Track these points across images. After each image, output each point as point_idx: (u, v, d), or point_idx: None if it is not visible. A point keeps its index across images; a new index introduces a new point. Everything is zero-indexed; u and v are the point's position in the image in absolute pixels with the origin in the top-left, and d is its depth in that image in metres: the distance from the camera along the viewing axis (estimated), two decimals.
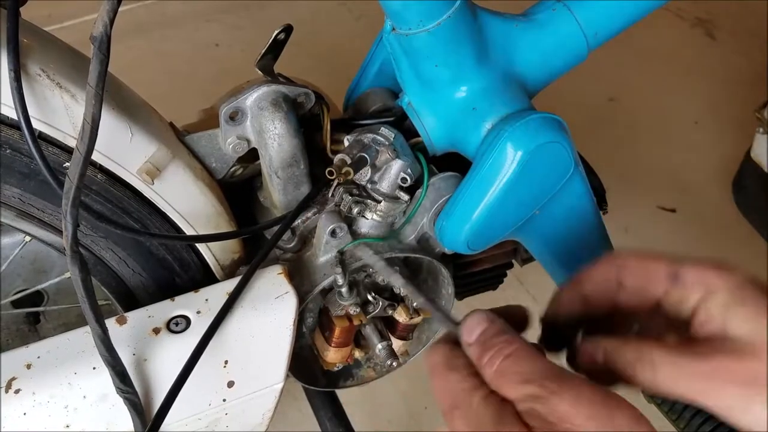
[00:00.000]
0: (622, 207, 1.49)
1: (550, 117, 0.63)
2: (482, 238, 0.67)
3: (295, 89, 0.67)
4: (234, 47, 1.87)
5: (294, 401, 1.13)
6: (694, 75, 1.90)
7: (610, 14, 0.67)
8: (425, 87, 0.65)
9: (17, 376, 0.56)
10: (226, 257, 0.71)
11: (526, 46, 0.66)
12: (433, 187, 0.68)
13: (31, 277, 0.84)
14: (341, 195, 0.67)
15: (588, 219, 0.73)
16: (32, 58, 0.55)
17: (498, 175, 0.62)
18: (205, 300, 0.63)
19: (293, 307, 0.64)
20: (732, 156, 1.57)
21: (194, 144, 0.67)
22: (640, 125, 1.76)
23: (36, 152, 0.54)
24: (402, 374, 0.86)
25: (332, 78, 0.95)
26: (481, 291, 0.91)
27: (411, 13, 0.57)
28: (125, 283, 0.68)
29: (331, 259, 0.68)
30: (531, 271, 0.91)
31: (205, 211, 0.67)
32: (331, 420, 0.84)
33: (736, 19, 2.09)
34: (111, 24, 0.49)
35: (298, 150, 0.66)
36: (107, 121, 0.57)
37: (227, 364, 0.63)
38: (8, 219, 0.61)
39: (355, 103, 0.78)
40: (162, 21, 1.95)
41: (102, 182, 0.61)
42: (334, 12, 2.01)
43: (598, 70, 1.63)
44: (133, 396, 0.58)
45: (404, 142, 0.67)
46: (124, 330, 0.60)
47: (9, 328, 0.87)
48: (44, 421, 0.57)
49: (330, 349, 0.73)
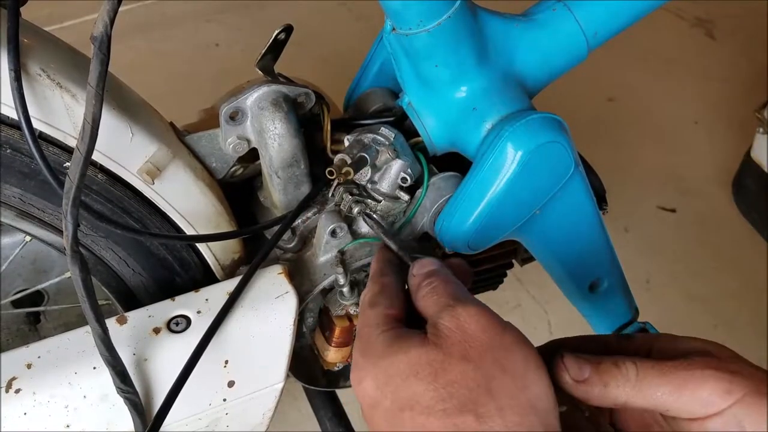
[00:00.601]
0: (622, 207, 1.49)
1: (551, 117, 0.63)
2: (482, 237, 0.67)
3: (296, 89, 0.67)
4: (234, 47, 1.87)
5: (294, 401, 1.13)
6: (694, 75, 1.91)
7: (610, 14, 0.67)
8: (425, 87, 0.65)
9: (18, 376, 0.56)
10: (227, 257, 0.71)
11: (526, 46, 0.66)
12: (433, 187, 0.68)
13: (32, 277, 0.84)
14: (341, 195, 0.67)
15: (588, 219, 0.73)
16: (32, 58, 0.55)
17: (498, 175, 0.62)
18: (206, 300, 0.63)
19: (293, 307, 0.64)
20: (732, 156, 1.57)
21: (194, 144, 0.67)
22: (640, 125, 1.76)
23: (36, 152, 0.54)
24: None
25: (332, 78, 0.95)
26: (481, 291, 0.91)
27: (411, 13, 0.57)
28: (125, 282, 0.68)
29: (331, 259, 0.68)
30: (531, 271, 0.91)
31: (205, 210, 0.67)
32: (331, 420, 0.84)
33: (736, 19, 2.09)
34: (111, 24, 0.49)
35: (299, 150, 0.66)
36: (108, 121, 0.57)
37: (227, 363, 0.63)
38: (8, 219, 0.61)
39: (355, 103, 0.78)
40: (162, 21, 1.95)
41: (102, 182, 0.61)
42: (334, 12, 2.02)
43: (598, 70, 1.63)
44: (134, 396, 0.58)
45: (404, 142, 0.67)
46: (124, 330, 0.60)
47: (9, 327, 0.87)
48: (44, 421, 0.57)
49: (330, 348, 0.73)
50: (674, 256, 1.46)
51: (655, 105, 1.81)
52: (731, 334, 1.31)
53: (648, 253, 1.45)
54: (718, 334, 1.31)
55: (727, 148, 1.66)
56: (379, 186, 0.67)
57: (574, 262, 0.77)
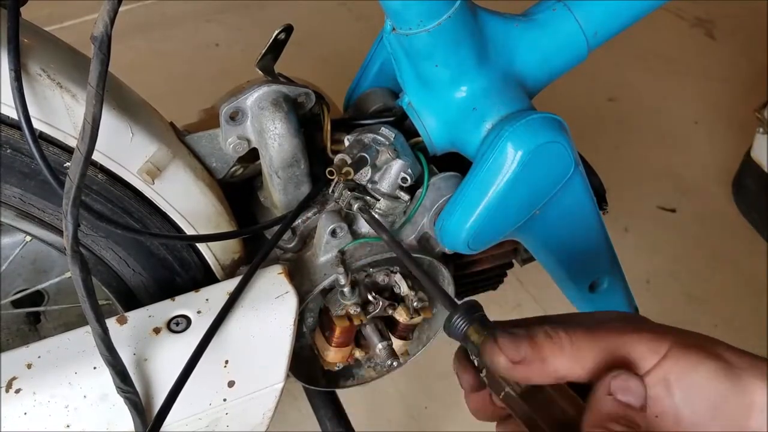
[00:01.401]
0: (622, 207, 1.49)
1: (551, 117, 0.63)
2: (482, 237, 0.67)
3: (296, 89, 0.67)
4: (234, 47, 1.87)
5: (294, 401, 1.13)
6: (694, 75, 1.91)
7: (610, 14, 0.67)
8: (425, 87, 0.65)
9: (18, 376, 0.56)
10: (227, 257, 0.71)
11: (526, 46, 0.66)
12: (433, 187, 0.68)
13: (32, 277, 0.84)
14: (341, 191, 0.67)
15: (588, 219, 0.73)
16: (33, 58, 0.55)
17: (498, 175, 0.62)
18: (206, 300, 0.63)
19: (293, 307, 0.64)
20: (732, 156, 1.57)
21: (195, 144, 0.67)
22: (640, 125, 1.76)
23: (37, 152, 0.54)
24: (402, 374, 0.86)
25: (332, 78, 0.95)
26: (481, 291, 0.91)
27: (411, 13, 0.57)
28: (126, 282, 0.68)
29: (331, 259, 0.68)
30: (531, 271, 0.91)
31: (205, 210, 0.67)
32: (331, 420, 0.84)
33: (736, 19, 2.09)
34: (111, 24, 0.49)
35: (299, 150, 0.66)
36: (108, 120, 0.57)
37: (228, 363, 0.63)
38: (9, 219, 0.61)
39: (355, 103, 0.79)
40: (162, 21, 1.95)
41: (102, 182, 0.61)
42: (334, 12, 2.02)
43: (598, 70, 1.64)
44: (134, 396, 0.58)
45: (404, 142, 0.67)
46: (124, 330, 0.60)
47: (9, 328, 0.87)
48: (45, 420, 0.57)
49: (330, 348, 0.73)
50: (674, 256, 1.46)
51: (655, 105, 1.81)
52: (731, 334, 1.31)
53: (648, 253, 1.45)
54: (718, 334, 1.30)
55: (727, 148, 1.66)
56: (379, 186, 0.67)
57: (574, 262, 0.77)
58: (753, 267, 1.43)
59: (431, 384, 1.17)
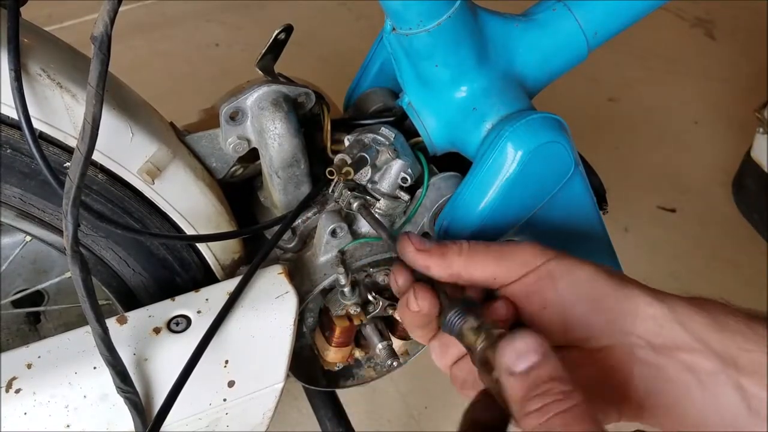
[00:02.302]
0: (622, 207, 1.49)
1: (551, 117, 0.63)
2: (482, 237, 0.67)
3: (296, 89, 0.67)
4: (234, 47, 1.87)
5: (294, 401, 1.13)
6: (694, 75, 1.91)
7: (610, 14, 0.67)
8: (425, 87, 0.65)
9: (18, 376, 0.56)
10: (227, 257, 0.71)
11: (527, 46, 0.66)
12: (433, 187, 0.68)
13: (32, 277, 0.85)
14: (341, 190, 0.67)
15: (588, 219, 0.73)
16: (33, 58, 0.55)
17: (498, 174, 0.62)
18: (206, 300, 0.63)
19: (293, 307, 0.64)
20: (732, 156, 1.57)
21: (195, 144, 0.67)
22: (640, 125, 1.76)
23: (37, 152, 0.54)
24: (402, 374, 0.86)
25: (332, 78, 0.95)
26: None
27: (411, 13, 0.57)
28: (126, 282, 0.68)
29: (331, 259, 0.68)
30: None
31: (205, 210, 0.67)
32: (331, 420, 0.84)
33: (736, 19, 2.09)
34: (111, 24, 0.49)
35: (299, 150, 0.67)
36: (108, 120, 0.57)
37: (228, 363, 0.63)
38: (9, 219, 0.61)
39: (355, 103, 0.78)
40: (162, 21, 1.95)
41: (102, 182, 0.61)
42: (334, 12, 2.02)
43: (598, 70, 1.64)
44: (134, 396, 0.58)
45: (404, 142, 0.67)
46: (124, 330, 0.60)
47: (9, 327, 0.87)
48: (45, 420, 0.57)
49: (330, 348, 0.73)
50: (674, 256, 1.46)
51: (655, 105, 1.81)
52: None
53: (648, 253, 1.45)
54: None
55: (727, 148, 1.66)
56: (379, 186, 0.67)
57: None
58: (753, 267, 1.43)
59: (431, 384, 1.17)
